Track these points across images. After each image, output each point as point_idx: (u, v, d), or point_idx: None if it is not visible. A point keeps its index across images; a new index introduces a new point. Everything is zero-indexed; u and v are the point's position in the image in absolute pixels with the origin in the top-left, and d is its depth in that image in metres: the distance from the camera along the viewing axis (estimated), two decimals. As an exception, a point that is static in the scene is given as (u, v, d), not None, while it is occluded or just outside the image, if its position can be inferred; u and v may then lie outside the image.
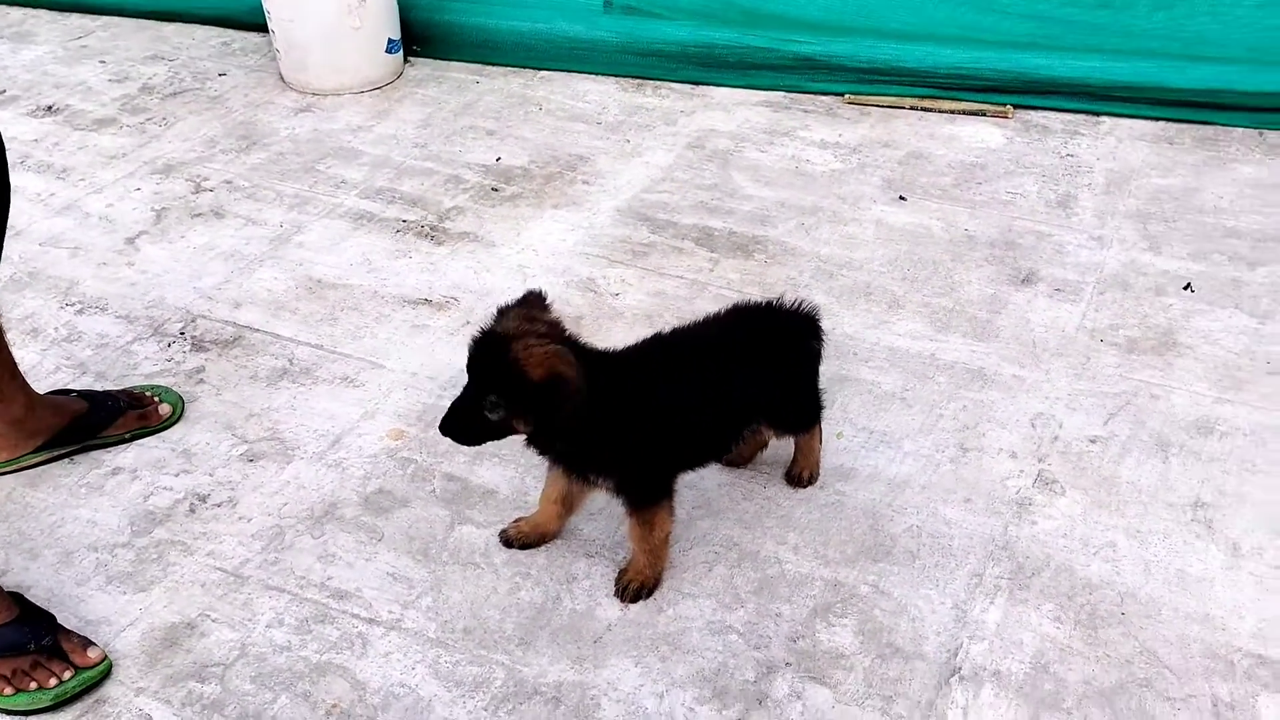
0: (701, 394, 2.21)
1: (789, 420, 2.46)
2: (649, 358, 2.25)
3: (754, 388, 2.30)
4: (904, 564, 2.35)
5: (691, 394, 2.20)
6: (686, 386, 2.20)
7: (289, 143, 4.06)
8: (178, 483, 2.59)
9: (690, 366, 2.23)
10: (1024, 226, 3.51)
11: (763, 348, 2.31)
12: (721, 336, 2.32)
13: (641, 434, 2.15)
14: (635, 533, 2.26)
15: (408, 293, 3.25)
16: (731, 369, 2.25)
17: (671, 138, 4.10)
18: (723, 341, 2.31)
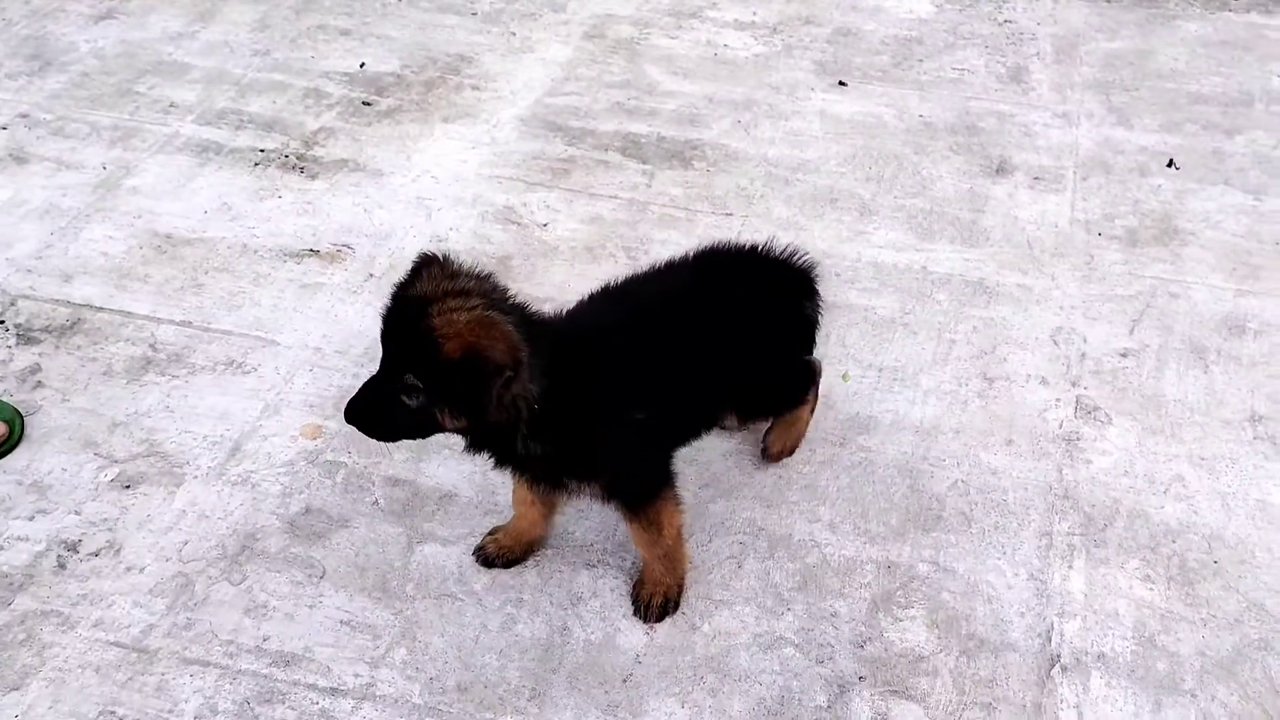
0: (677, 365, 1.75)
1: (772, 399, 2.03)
2: (610, 320, 1.78)
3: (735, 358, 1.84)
4: (959, 530, 2.00)
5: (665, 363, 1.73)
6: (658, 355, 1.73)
7: (94, 59, 3.27)
8: (34, 529, 1.98)
9: (660, 329, 1.76)
10: (982, 107, 3.15)
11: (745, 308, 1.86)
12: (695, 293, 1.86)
13: (620, 419, 1.69)
14: (641, 538, 1.83)
15: (286, 243, 2.64)
16: (710, 333, 1.79)
17: (564, 27, 3.52)
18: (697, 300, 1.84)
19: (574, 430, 1.64)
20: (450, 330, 1.47)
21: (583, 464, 1.71)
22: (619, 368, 1.68)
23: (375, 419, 1.58)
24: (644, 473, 1.78)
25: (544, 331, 1.60)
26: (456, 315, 1.49)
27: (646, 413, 1.70)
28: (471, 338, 1.47)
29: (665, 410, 1.75)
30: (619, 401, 1.67)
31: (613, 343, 1.71)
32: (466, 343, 1.46)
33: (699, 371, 1.77)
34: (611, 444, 1.70)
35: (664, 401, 1.73)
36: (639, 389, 1.69)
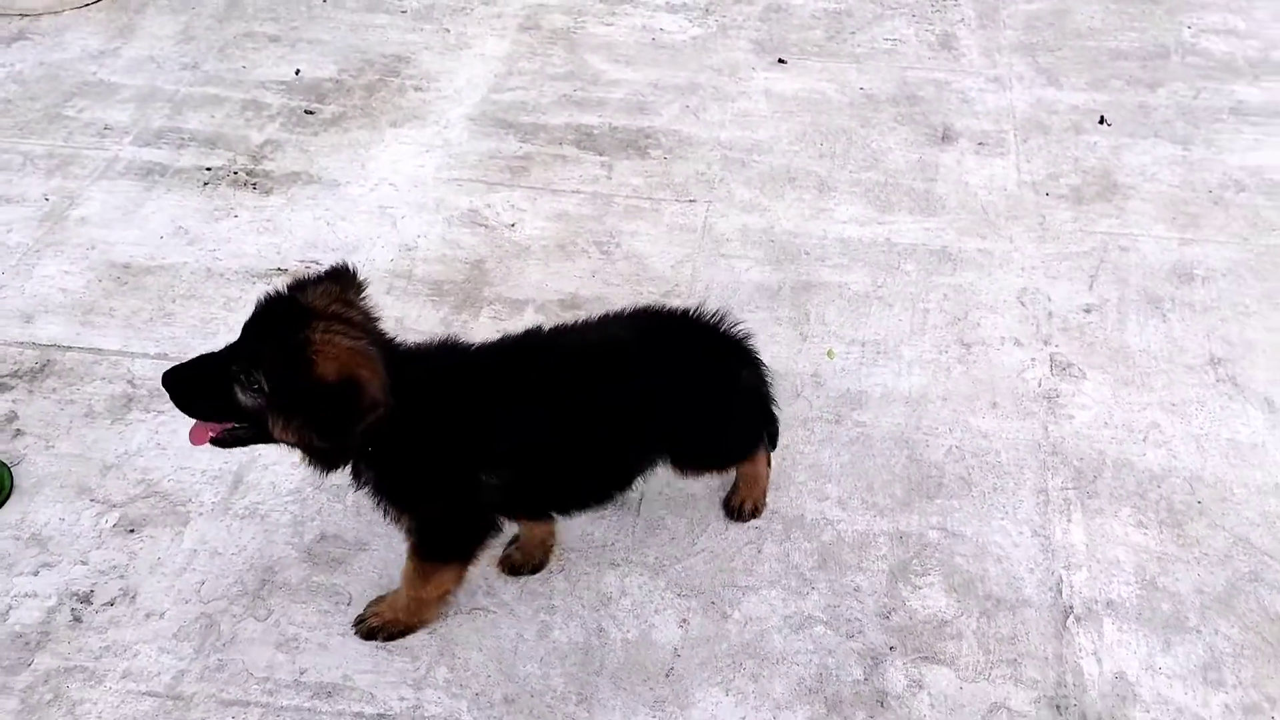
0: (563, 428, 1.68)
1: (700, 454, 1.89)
2: (495, 368, 1.71)
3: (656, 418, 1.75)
4: (961, 495, 2.09)
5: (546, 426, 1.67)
6: (543, 415, 1.67)
7: (14, 85, 3.14)
8: (41, 584, 1.93)
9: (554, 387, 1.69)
10: (918, 76, 3.24)
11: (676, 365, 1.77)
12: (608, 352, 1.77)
13: (460, 470, 1.66)
14: (407, 574, 1.80)
15: (251, 263, 2.59)
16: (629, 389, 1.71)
17: (497, 20, 3.49)
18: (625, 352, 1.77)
19: (403, 465, 1.64)
20: (331, 352, 1.46)
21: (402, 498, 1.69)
22: (468, 422, 1.63)
23: (193, 393, 1.55)
24: (447, 533, 1.75)
25: (404, 366, 1.58)
26: (339, 339, 1.48)
27: (490, 475, 1.67)
28: (352, 366, 1.46)
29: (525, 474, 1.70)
30: (452, 455, 1.65)
31: (474, 396, 1.65)
32: (345, 369, 1.46)
33: (581, 432, 1.69)
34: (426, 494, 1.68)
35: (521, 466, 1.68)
36: (484, 447, 1.65)
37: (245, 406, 1.50)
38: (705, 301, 2.46)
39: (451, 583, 1.80)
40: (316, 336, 1.46)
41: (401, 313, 2.46)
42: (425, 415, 1.58)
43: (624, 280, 2.55)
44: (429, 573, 1.78)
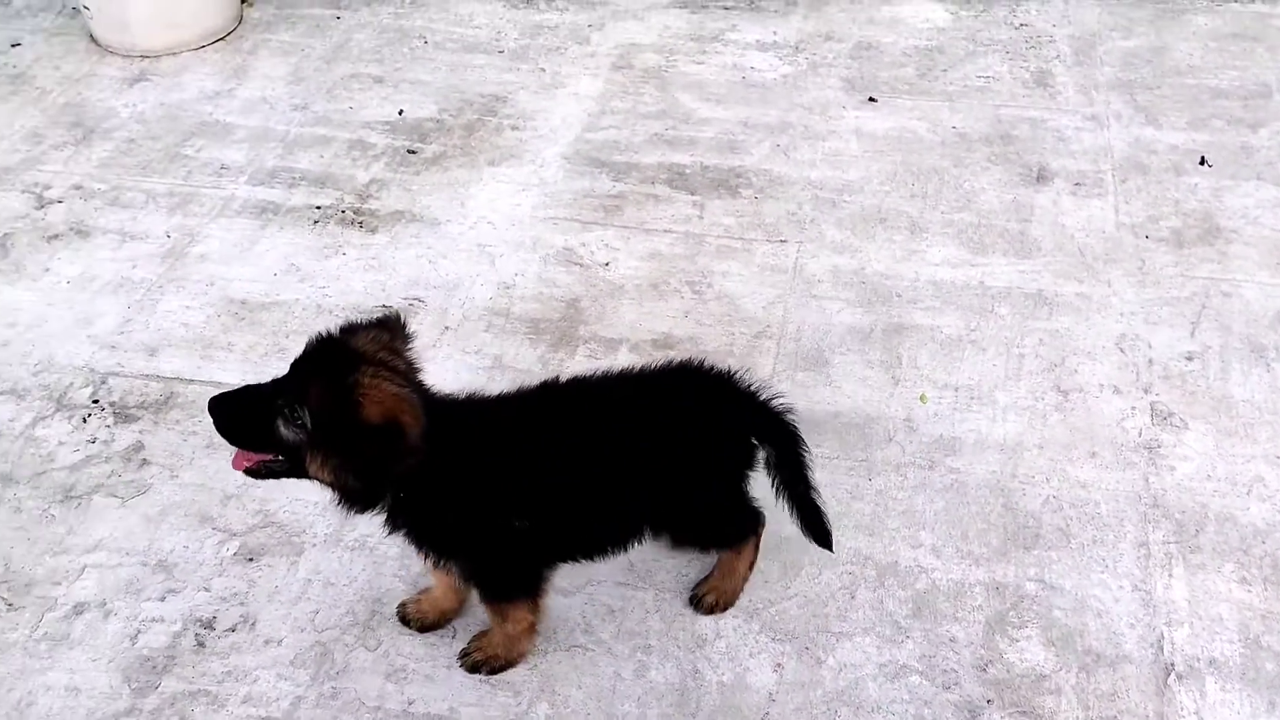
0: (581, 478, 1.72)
1: (695, 532, 1.90)
2: (520, 419, 1.76)
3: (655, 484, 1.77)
4: (1059, 546, 2.09)
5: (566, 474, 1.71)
6: (562, 464, 1.71)
7: (136, 125, 3.31)
8: (168, 609, 2.04)
9: (574, 438, 1.73)
10: (1012, 114, 3.24)
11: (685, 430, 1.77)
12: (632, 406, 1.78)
13: (493, 516, 1.71)
14: (490, 616, 1.88)
15: (358, 300, 2.69)
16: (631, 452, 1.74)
17: (590, 60, 3.58)
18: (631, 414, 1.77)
19: (444, 512, 1.69)
20: (377, 396, 1.53)
21: (445, 543, 1.74)
22: (497, 470, 1.68)
23: (236, 422, 1.62)
24: (504, 574, 1.80)
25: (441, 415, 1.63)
26: (386, 384, 1.55)
27: (521, 520, 1.71)
28: (396, 411, 1.53)
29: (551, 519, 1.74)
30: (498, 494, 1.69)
31: (500, 445, 1.70)
32: (390, 413, 1.52)
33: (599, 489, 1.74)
34: (476, 535, 1.72)
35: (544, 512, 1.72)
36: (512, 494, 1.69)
37: (285, 440, 1.57)
38: (797, 343, 2.50)
39: (528, 617, 1.85)
40: (365, 380, 1.53)
41: (500, 350, 2.53)
42: (456, 464, 1.64)
43: (716, 320, 2.60)
44: (502, 610, 1.85)
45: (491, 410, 1.76)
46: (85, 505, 2.22)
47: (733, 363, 2.39)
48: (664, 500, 1.80)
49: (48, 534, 2.17)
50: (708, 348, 2.52)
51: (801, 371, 2.46)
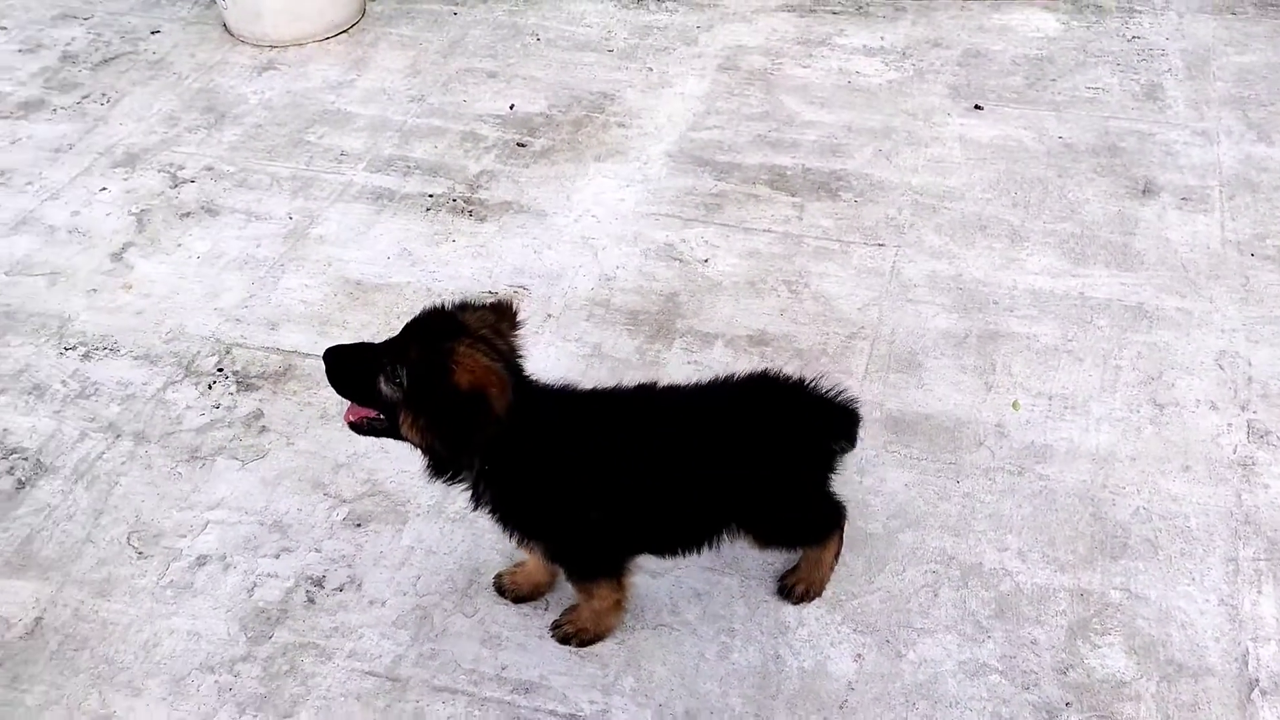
0: (663, 475, 1.78)
1: (780, 532, 1.95)
2: (612, 414, 1.84)
3: (736, 485, 1.83)
4: (1146, 558, 2.09)
5: (648, 472, 1.77)
6: (645, 461, 1.77)
7: (264, 111, 3.48)
8: (282, 566, 2.17)
9: (660, 437, 1.79)
10: (1120, 127, 3.21)
11: (762, 438, 1.82)
12: (717, 410, 1.85)
13: (571, 504, 1.77)
14: (576, 593, 1.97)
15: (465, 285, 2.81)
16: (713, 454, 1.79)
17: (697, 60, 3.65)
18: (715, 417, 1.83)
19: (528, 492, 1.77)
20: (469, 365, 1.62)
21: (529, 524, 1.82)
22: (579, 462, 1.75)
23: (346, 374, 1.72)
24: (586, 557, 1.88)
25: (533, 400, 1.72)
26: (479, 357, 1.64)
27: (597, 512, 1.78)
28: (484, 382, 1.62)
29: (629, 514, 1.80)
30: (578, 481, 1.76)
31: (586, 438, 1.77)
32: (477, 383, 1.61)
33: (683, 488, 1.80)
34: (558, 517, 1.79)
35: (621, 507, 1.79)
36: (591, 486, 1.76)
37: (384, 396, 1.66)
38: (891, 345, 2.54)
39: (612, 595, 1.94)
40: (460, 349, 1.62)
41: (599, 339, 2.62)
42: (542, 449, 1.73)
43: (811, 320, 2.65)
44: (587, 589, 1.94)
45: (581, 403, 1.84)
46: (209, 466, 2.37)
47: (826, 362, 2.47)
48: (749, 504, 1.86)
49: (175, 490, 2.32)
50: (801, 346, 2.58)
51: (894, 373, 2.50)
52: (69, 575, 2.17)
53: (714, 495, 1.83)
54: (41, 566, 2.19)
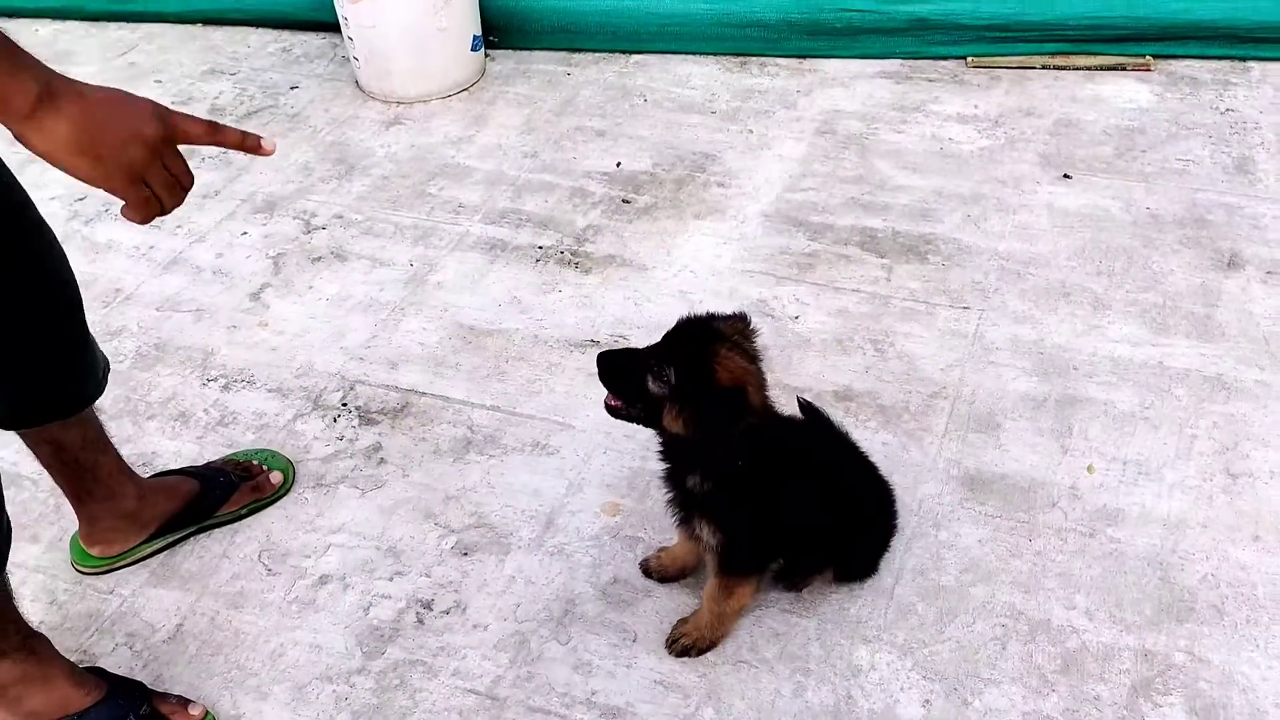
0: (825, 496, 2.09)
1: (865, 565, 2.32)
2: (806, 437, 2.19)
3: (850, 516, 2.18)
4: (1212, 622, 2.17)
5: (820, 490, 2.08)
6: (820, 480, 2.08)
7: (390, 164, 3.77)
8: (395, 588, 2.38)
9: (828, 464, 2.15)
10: (1208, 199, 3.28)
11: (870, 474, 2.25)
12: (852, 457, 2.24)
13: (772, 505, 2.00)
14: (713, 593, 2.14)
15: (570, 334, 3.01)
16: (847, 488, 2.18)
17: (796, 123, 3.82)
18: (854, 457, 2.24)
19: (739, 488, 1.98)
20: (730, 365, 1.85)
21: (723, 515, 2.02)
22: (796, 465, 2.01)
23: (616, 373, 1.95)
24: (754, 552, 2.10)
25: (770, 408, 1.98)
26: (739, 359, 1.87)
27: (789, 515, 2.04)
28: (745, 378, 1.85)
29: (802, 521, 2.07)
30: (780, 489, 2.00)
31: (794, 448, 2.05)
32: (738, 379, 1.84)
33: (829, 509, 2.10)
34: (753, 515, 2.02)
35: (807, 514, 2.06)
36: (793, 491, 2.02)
37: (651, 393, 1.90)
38: (971, 405, 2.66)
39: (747, 596, 2.15)
40: (722, 351, 1.86)
41: (693, 389, 2.79)
42: (770, 450, 1.96)
43: (894, 378, 2.78)
44: (731, 586, 2.12)
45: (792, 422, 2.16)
46: (332, 493, 2.60)
47: (907, 419, 2.60)
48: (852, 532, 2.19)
49: (301, 514, 2.56)
50: (884, 403, 2.71)
51: (973, 433, 2.61)
52: (207, 587, 2.41)
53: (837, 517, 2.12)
54: (183, 578, 2.44)
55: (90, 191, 3.69)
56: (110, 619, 2.36)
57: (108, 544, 2.42)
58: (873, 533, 2.29)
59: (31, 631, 1.99)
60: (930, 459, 2.56)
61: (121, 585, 2.43)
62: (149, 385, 2.94)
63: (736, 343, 1.91)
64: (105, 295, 3.25)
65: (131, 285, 3.30)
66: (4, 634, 1.92)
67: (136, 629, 2.34)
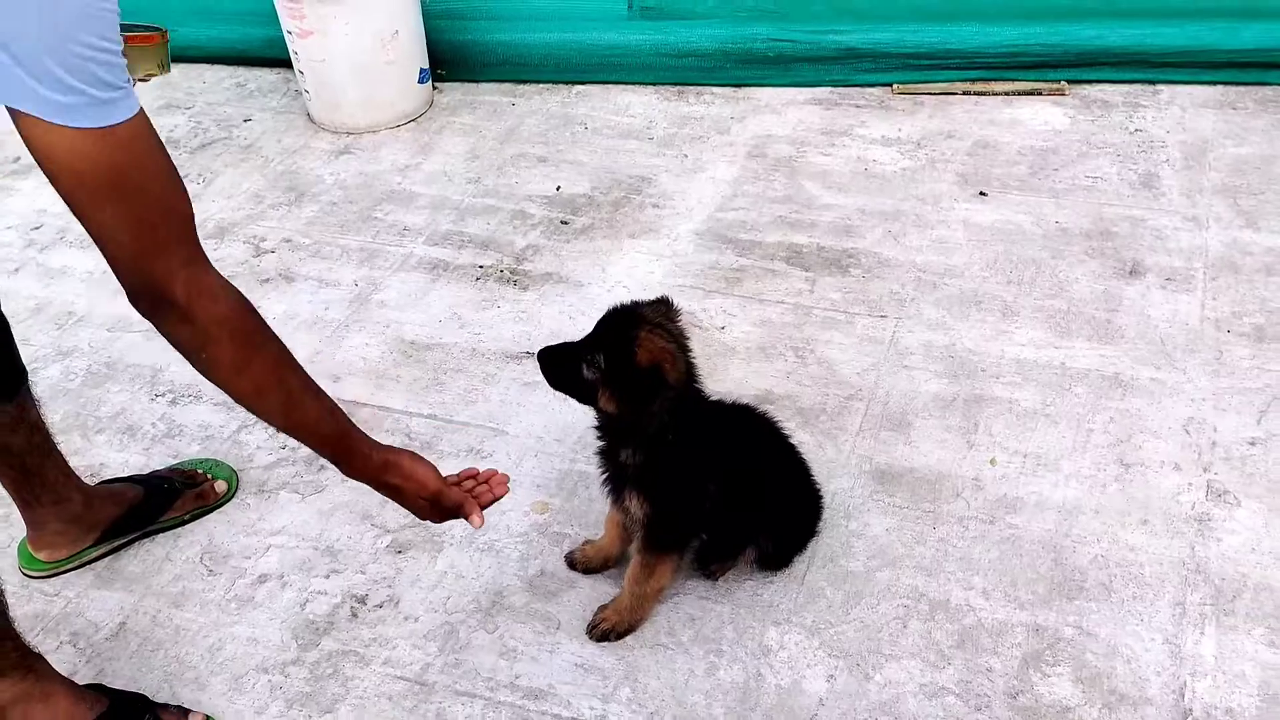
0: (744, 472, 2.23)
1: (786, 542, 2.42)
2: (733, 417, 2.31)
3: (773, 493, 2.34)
4: (1100, 599, 2.31)
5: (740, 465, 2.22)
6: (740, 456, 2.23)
7: (338, 190, 3.90)
8: (330, 585, 2.49)
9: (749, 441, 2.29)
10: (1115, 213, 3.46)
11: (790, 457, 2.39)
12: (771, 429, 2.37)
13: (698, 475, 2.15)
14: (635, 574, 2.27)
15: (507, 346, 3.14)
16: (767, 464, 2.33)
17: (729, 148, 4.00)
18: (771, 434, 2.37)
19: (668, 462, 2.12)
20: (648, 345, 2.00)
21: (654, 488, 2.15)
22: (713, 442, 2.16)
23: (555, 368, 2.11)
24: (679, 527, 2.23)
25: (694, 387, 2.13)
26: (658, 339, 2.02)
27: (714, 486, 2.18)
28: (660, 356, 2.00)
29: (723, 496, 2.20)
30: (703, 467, 2.15)
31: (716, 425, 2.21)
32: (655, 356, 1.99)
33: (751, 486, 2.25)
34: (681, 488, 2.16)
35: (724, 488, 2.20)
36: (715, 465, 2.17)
37: (586, 379, 2.05)
38: (885, 406, 2.80)
39: (667, 576, 2.27)
40: (641, 334, 2.01)
41: (623, 396, 2.92)
42: (694, 424, 2.11)
43: (814, 382, 2.92)
44: (653, 565, 2.24)
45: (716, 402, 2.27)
46: (273, 498, 2.71)
47: (824, 419, 2.74)
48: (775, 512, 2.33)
49: (243, 518, 2.66)
50: (803, 405, 2.85)
51: (885, 431, 2.76)
52: (149, 588, 2.51)
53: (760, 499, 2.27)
54: (126, 580, 2.53)
55: (44, 220, 3.81)
56: (55, 619, 2.44)
57: (54, 548, 2.51)
58: (796, 522, 2.41)
59: (29, 650, 2.04)
60: (844, 456, 2.70)
61: (67, 588, 2.52)
62: (99, 401, 3.04)
63: (659, 323, 2.07)
64: (59, 317, 3.36)
65: (84, 308, 3.40)
66: (2, 652, 1.97)
67: (80, 628, 2.43)
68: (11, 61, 1.34)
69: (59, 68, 1.36)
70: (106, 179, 1.46)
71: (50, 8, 1.34)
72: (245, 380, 1.75)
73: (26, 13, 1.33)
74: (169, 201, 1.56)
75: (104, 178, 1.46)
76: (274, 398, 1.79)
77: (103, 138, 1.43)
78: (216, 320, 1.66)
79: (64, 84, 1.37)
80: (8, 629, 1.98)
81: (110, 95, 1.42)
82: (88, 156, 1.43)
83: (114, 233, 1.51)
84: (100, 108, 1.41)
